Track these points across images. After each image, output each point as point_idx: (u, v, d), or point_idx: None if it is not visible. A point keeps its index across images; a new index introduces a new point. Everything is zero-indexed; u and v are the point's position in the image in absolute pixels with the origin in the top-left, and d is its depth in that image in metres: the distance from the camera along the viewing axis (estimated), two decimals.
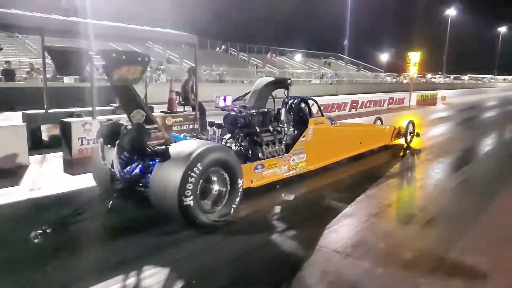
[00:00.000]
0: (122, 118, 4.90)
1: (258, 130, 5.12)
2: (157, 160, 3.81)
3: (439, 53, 63.01)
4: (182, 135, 4.87)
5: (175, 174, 3.58)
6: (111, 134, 4.07)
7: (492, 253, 3.62)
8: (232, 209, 4.08)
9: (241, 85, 26.43)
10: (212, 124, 5.17)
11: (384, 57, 57.62)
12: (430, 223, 4.38)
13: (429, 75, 59.95)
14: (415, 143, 8.87)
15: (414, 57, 21.23)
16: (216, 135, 5.11)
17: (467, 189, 5.92)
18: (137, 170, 3.89)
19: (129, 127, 3.94)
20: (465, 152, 8.75)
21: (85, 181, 5.18)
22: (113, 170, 3.94)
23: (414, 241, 3.92)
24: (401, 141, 8.66)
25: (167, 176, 3.64)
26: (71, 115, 7.22)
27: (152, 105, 8.59)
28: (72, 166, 5.86)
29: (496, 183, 6.10)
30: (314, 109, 6.36)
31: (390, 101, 19.30)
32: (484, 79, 76.87)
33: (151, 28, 7.51)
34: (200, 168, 3.67)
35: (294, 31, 64.12)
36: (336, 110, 15.30)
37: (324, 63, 44.82)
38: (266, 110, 5.65)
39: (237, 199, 4.15)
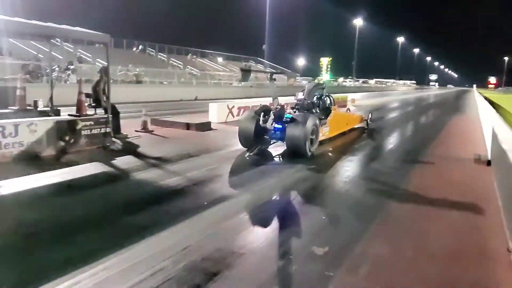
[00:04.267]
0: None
1: (314, 110, 9.30)
2: (286, 125, 7.82)
3: (349, 59, 67.68)
4: (287, 112, 8.71)
5: (300, 130, 7.54)
6: (264, 110, 8.32)
7: None
8: (315, 147, 8.26)
9: (160, 86, 25.67)
10: (293, 107, 9.50)
11: (300, 61, 60.25)
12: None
13: (340, 79, 63.99)
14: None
15: (326, 62, 22.38)
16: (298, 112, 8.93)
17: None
18: (280, 126, 8.02)
19: (278, 107, 8.20)
20: (374, 149, 9.48)
21: None
22: (267, 126, 7.98)
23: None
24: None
25: (297, 131, 7.56)
26: None
27: (59, 108, 7.96)
28: None
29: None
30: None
31: None
32: (387, 83, 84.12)
33: (57, 25, 6.96)
34: (312, 127, 7.89)
35: (215, 34, 64.25)
36: None
37: (244, 66, 45.45)
38: (314, 101, 9.64)
39: (317, 143, 8.40)
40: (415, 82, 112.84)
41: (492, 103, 27.06)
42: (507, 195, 4.73)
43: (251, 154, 7.78)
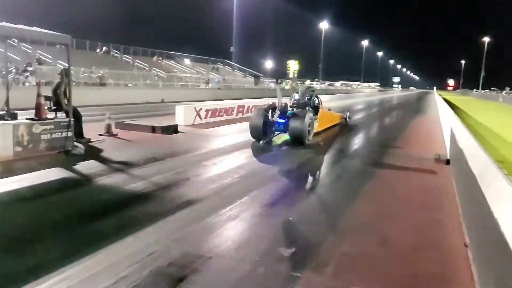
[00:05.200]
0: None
1: (307, 108, 10.97)
2: (290, 119, 9.50)
3: (316, 62, 68.85)
4: (289, 110, 10.41)
5: (300, 123, 9.27)
6: (271, 108, 9.98)
7: None
8: (311, 137, 9.97)
9: (125, 88, 25.11)
10: (292, 107, 10.84)
11: (268, 64, 60.63)
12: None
13: (307, 81, 64.92)
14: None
15: (293, 65, 22.69)
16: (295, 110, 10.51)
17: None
18: (283, 121, 9.68)
19: (282, 105, 10.20)
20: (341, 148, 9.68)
21: None
22: (273, 120, 9.77)
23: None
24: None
25: (298, 124, 9.29)
26: None
27: (15, 111, 7.61)
28: None
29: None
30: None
31: None
32: (352, 85, 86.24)
33: (13, 25, 6.66)
34: (309, 120, 9.58)
35: (182, 35, 63.59)
36: (224, 115, 15.50)
37: (212, 69, 45.22)
38: (306, 101, 11.36)
39: (312, 133, 10.16)
40: (379, 84, 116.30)
41: (450, 104, 28.33)
42: (464, 192, 4.95)
43: (264, 141, 9.86)
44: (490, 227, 2.71)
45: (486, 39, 79.39)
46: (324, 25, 65.78)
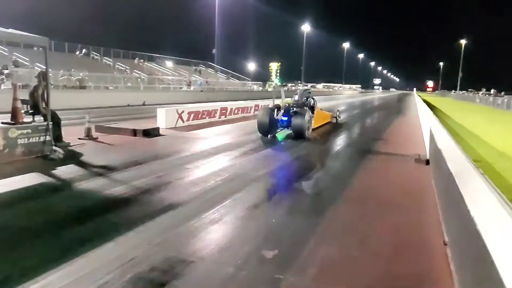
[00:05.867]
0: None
1: (305, 108, 12.15)
2: (293, 116, 11.09)
3: (298, 64, 69.31)
4: (291, 110, 11.54)
5: (301, 120, 10.88)
6: (275, 107, 11.57)
7: None
8: (310, 132, 11.76)
9: (105, 91, 24.73)
10: (292, 106, 11.86)
11: (251, 66, 60.71)
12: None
13: (290, 84, 65.24)
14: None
15: (275, 67, 22.81)
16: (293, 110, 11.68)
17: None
18: (286, 118, 11.22)
19: (285, 106, 11.83)
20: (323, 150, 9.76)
21: None
22: (277, 118, 11.33)
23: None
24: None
25: (299, 121, 10.88)
26: None
27: None
28: None
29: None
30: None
31: (256, 107, 20.29)
32: (334, 87, 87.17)
33: None
34: (308, 117, 11.36)
35: (164, 37, 63.14)
36: (207, 117, 15.43)
37: (195, 71, 45.03)
38: (303, 101, 12.93)
39: (311, 129, 11.89)
40: (360, 86, 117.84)
41: (430, 105, 28.91)
42: (443, 191, 5.04)
43: (271, 136, 11.44)
44: (467, 225, 2.76)
45: (463, 42, 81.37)
46: (306, 28, 66.39)
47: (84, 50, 34.42)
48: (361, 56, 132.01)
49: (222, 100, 27.40)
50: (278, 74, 22.67)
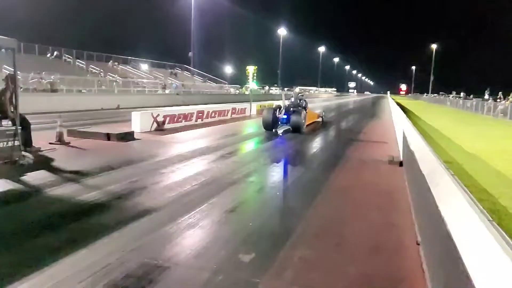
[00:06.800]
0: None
1: (299, 108, 14.72)
2: (291, 115, 13.72)
3: (275, 67, 69.81)
4: (291, 110, 14.25)
5: (298, 118, 13.57)
6: (277, 108, 14.24)
7: None
8: (305, 127, 14.42)
9: (78, 95, 24.15)
10: (290, 107, 14.46)
11: (228, 69, 60.69)
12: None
13: (267, 87, 65.59)
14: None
15: (252, 70, 22.91)
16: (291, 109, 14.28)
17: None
18: (285, 116, 13.66)
19: (286, 106, 14.62)
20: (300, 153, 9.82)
21: None
22: (279, 116, 13.76)
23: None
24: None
25: (297, 118, 13.56)
26: None
27: None
28: None
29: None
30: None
31: (233, 111, 20.30)
32: (310, 90, 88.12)
33: None
34: (304, 115, 14.25)
35: (139, 40, 62.31)
36: (183, 121, 15.27)
37: (170, 74, 44.57)
38: (298, 102, 15.29)
39: (305, 125, 14.46)
40: (335, 89, 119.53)
41: (403, 108, 29.62)
42: (416, 192, 5.16)
43: (276, 130, 13.29)
44: (438, 225, 2.83)
45: (434, 46, 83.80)
46: (282, 31, 66.93)
47: (55, 53, 33.50)
48: (336, 60, 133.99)
49: (199, 103, 27.25)
50: (255, 78, 22.76)
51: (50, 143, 9.31)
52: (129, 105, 22.45)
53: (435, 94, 77.14)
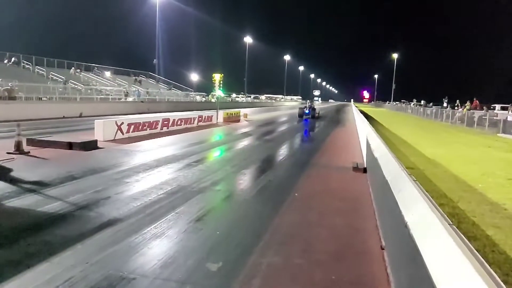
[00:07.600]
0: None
1: (313, 108, 32.59)
2: (311, 110, 31.18)
3: (241, 75, 70.13)
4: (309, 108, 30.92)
5: (314, 112, 31.62)
6: (304, 107, 31.94)
7: None
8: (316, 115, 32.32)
9: (38, 102, 23.22)
10: (310, 107, 31.49)
11: (194, 77, 60.24)
12: None
13: (233, 95, 65.74)
14: None
15: (218, 78, 22.93)
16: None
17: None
18: (308, 111, 30.84)
19: (307, 107, 31.78)
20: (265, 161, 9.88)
21: None
22: (305, 111, 30.71)
23: None
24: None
25: (314, 113, 31.58)
26: None
27: None
28: None
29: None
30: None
31: (200, 119, 20.16)
32: (276, 98, 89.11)
33: None
34: (317, 111, 34.21)
35: (102, 47, 60.82)
36: (148, 129, 14.99)
37: (135, 81, 43.76)
38: (311, 105, 33.08)
39: (316, 115, 31.92)
40: (301, 97, 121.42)
41: (366, 115, 30.55)
42: (379, 198, 5.32)
43: (304, 118, 28.79)
44: (401, 230, 2.94)
45: (396, 55, 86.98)
46: (248, 40, 67.47)
47: (13, 59, 32.14)
48: (301, 68, 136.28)
49: (164, 111, 26.89)
50: (221, 85, 22.78)
51: (8, 153, 8.90)
52: (92, 113, 21.81)
53: (397, 102, 79.91)
